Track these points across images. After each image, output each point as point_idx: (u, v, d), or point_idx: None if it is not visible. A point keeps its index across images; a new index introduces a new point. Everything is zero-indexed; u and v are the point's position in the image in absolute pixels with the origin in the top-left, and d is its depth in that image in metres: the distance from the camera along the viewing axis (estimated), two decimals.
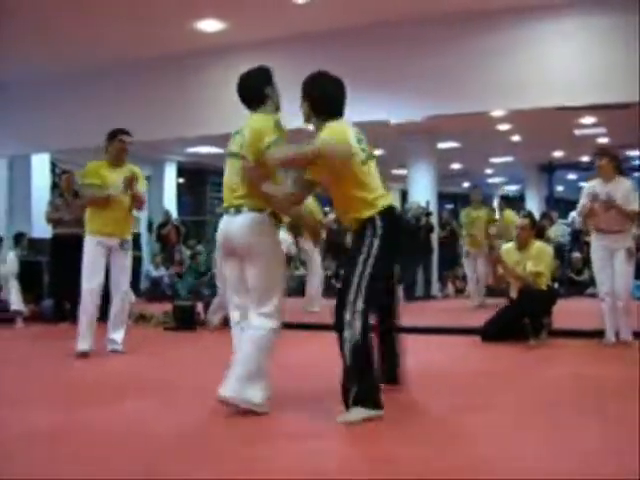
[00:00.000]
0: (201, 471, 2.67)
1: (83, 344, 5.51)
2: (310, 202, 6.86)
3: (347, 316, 3.38)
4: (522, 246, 6.34)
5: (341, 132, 3.53)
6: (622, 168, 6.06)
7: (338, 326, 3.42)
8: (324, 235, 9.53)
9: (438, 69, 7.47)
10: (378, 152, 15.27)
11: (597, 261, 5.96)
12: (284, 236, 7.30)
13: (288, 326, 4.01)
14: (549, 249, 6.45)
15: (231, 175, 3.69)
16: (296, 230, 8.23)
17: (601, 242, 5.91)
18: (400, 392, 3.94)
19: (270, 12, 7.46)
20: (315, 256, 8.94)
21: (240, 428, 3.30)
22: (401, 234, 3.81)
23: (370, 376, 3.43)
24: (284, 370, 4.23)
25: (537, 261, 6.18)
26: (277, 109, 3.76)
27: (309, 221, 4.83)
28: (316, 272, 8.98)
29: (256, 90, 3.72)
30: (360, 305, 3.38)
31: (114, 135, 5.79)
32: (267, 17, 7.63)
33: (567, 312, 6.96)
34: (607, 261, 5.86)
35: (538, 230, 6.59)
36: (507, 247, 6.55)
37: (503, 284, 6.71)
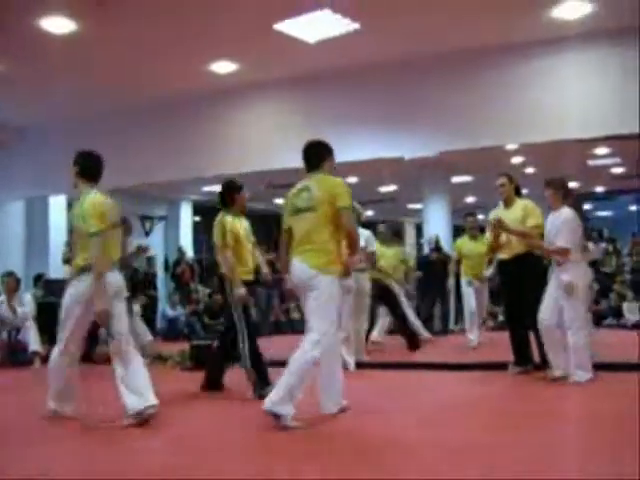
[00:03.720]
0: None
1: None
2: None
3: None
4: (507, 203, 6.16)
5: None
6: (569, 198, 5.74)
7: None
8: None
9: (451, 105, 7.52)
10: (393, 187, 15.33)
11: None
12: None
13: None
14: (533, 203, 6.17)
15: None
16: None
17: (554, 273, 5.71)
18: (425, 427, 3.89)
19: (281, 53, 7.56)
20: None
21: None
22: None
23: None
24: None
25: (532, 217, 5.96)
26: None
27: None
28: None
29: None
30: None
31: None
32: (278, 58, 7.73)
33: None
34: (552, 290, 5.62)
35: (517, 187, 6.35)
36: (496, 211, 6.25)
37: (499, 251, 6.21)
